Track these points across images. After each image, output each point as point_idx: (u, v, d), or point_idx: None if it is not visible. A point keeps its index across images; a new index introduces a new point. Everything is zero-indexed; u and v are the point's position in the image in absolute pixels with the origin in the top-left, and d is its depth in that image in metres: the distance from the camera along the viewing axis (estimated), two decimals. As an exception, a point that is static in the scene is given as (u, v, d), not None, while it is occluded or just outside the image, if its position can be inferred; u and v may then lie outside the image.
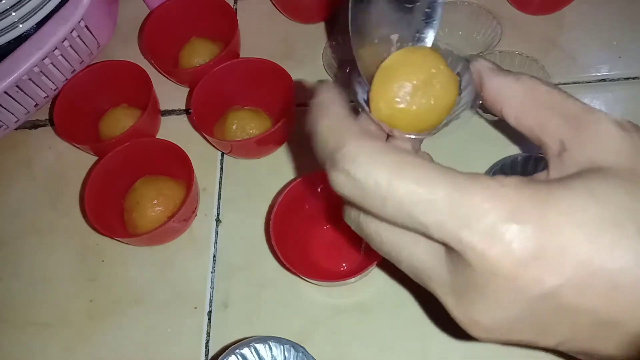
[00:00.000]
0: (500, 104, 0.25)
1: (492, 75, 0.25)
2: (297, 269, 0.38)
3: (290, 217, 0.42)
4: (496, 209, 0.19)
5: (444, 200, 0.20)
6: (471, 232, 0.19)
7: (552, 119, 0.23)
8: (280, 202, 0.40)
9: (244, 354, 0.35)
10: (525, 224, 0.19)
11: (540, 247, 0.19)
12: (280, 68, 0.46)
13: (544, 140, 0.23)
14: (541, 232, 0.19)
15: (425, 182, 0.20)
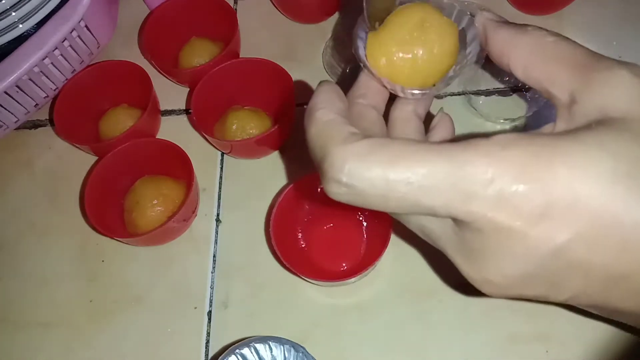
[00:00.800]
0: (506, 56, 0.24)
1: (498, 28, 0.25)
2: (297, 269, 0.38)
3: (290, 217, 0.42)
4: (500, 174, 0.19)
5: (446, 181, 0.19)
6: (479, 202, 0.19)
7: (561, 70, 0.22)
8: (280, 202, 0.40)
9: (244, 354, 0.35)
10: (533, 183, 0.19)
11: (549, 203, 0.19)
12: (280, 68, 0.46)
13: (553, 92, 0.23)
14: (549, 188, 0.19)
15: (421, 168, 0.20)
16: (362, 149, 0.20)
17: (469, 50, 0.27)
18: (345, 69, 0.53)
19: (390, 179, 0.20)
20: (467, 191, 0.19)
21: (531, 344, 0.39)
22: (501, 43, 0.25)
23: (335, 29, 0.54)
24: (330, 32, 0.53)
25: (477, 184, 0.19)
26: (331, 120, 0.22)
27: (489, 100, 0.49)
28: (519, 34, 0.24)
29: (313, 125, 0.23)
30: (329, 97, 0.24)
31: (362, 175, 0.20)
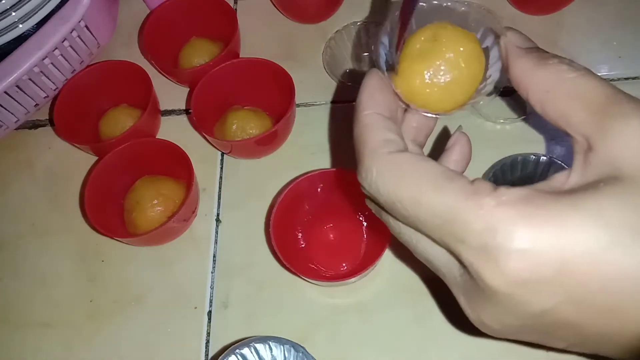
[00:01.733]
0: (525, 89, 0.24)
1: (519, 56, 0.24)
2: (297, 269, 0.38)
3: (290, 217, 0.42)
4: (489, 230, 0.19)
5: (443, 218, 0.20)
6: (467, 250, 0.20)
7: (578, 111, 0.22)
8: (280, 202, 0.40)
9: (244, 354, 0.35)
10: (520, 244, 0.19)
11: (536, 268, 0.19)
12: (280, 68, 0.46)
13: (570, 133, 0.22)
14: (538, 253, 0.18)
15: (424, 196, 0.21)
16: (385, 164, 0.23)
17: (489, 73, 0.26)
18: (345, 69, 0.53)
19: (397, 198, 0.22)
20: (459, 235, 0.20)
21: (531, 344, 0.38)
22: (520, 74, 0.24)
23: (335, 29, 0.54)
24: (330, 32, 0.53)
25: (467, 232, 0.20)
26: (370, 125, 0.24)
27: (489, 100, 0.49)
28: (539, 67, 0.23)
29: (356, 125, 0.25)
30: (373, 93, 0.25)
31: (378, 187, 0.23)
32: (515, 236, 0.19)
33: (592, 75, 0.22)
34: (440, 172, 0.21)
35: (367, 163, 0.23)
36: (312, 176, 0.41)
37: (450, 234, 0.20)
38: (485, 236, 0.19)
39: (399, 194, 0.22)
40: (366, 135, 0.24)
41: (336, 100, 0.51)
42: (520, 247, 0.19)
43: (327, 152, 0.48)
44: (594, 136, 0.21)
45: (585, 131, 0.21)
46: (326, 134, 0.49)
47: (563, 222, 0.19)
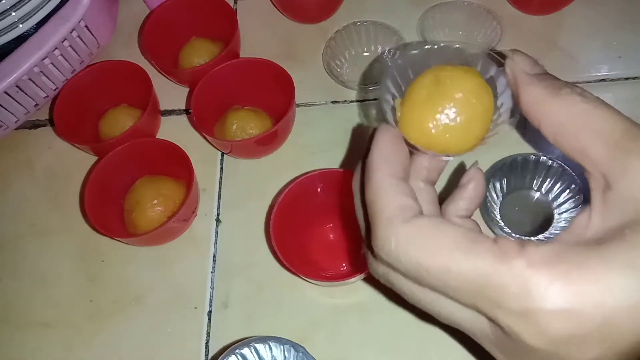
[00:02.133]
0: (537, 120, 0.23)
1: (529, 86, 0.23)
2: (297, 269, 0.38)
3: (290, 217, 0.42)
4: (526, 292, 0.19)
5: (474, 282, 0.20)
6: (504, 313, 0.19)
7: (594, 144, 0.21)
8: (280, 202, 0.40)
9: (244, 354, 0.35)
10: (559, 304, 0.18)
11: (575, 329, 0.18)
12: (280, 68, 0.46)
13: (586, 168, 0.21)
14: (577, 312, 0.18)
15: (453, 263, 0.20)
16: (400, 235, 0.21)
17: (500, 102, 0.26)
18: (345, 69, 0.53)
19: (423, 271, 0.21)
20: (494, 299, 0.19)
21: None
22: (532, 104, 0.23)
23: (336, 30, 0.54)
24: (330, 32, 0.53)
25: (502, 296, 0.19)
26: (384, 189, 0.23)
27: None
28: (552, 98, 0.22)
29: (368, 189, 0.24)
30: (386, 154, 0.24)
31: (400, 259, 0.21)
32: (552, 297, 0.18)
33: (606, 106, 0.21)
34: (462, 236, 0.21)
35: (384, 233, 0.22)
36: (312, 176, 0.41)
37: (484, 299, 0.20)
38: (522, 299, 0.19)
39: (424, 263, 0.21)
40: (380, 202, 0.23)
41: (336, 100, 0.51)
42: (558, 308, 0.18)
43: (327, 152, 0.48)
44: (611, 174, 0.20)
45: (602, 168, 0.21)
46: (326, 134, 0.49)
47: (597, 278, 0.18)
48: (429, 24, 0.53)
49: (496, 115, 0.26)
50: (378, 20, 0.52)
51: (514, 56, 0.24)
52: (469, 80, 0.25)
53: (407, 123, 0.25)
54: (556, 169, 0.42)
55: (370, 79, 0.51)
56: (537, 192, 0.44)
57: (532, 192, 0.44)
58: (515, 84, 0.24)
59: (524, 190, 0.44)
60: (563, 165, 0.42)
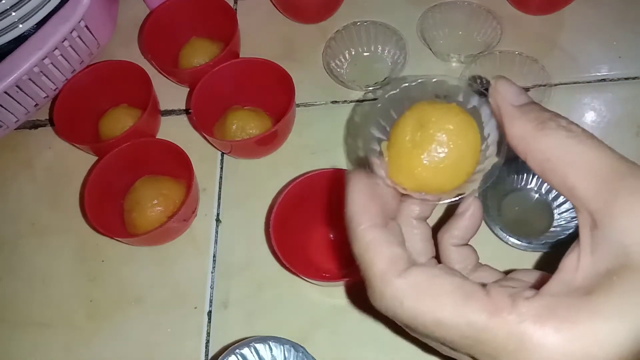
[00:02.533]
0: (524, 154, 0.22)
1: (514, 119, 0.23)
2: (297, 269, 0.38)
3: (290, 217, 0.42)
4: (520, 348, 0.19)
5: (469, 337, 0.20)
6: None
7: (581, 183, 0.20)
8: (280, 202, 0.40)
9: (244, 354, 0.35)
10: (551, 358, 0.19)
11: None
12: (280, 68, 0.46)
13: (574, 203, 0.21)
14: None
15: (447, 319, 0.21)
16: (395, 289, 0.22)
17: (487, 131, 0.25)
18: (345, 69, 0.53)
19: (419, 323, 0.21)
20: (490, 353, 0.20)
21: None
22: (518, 139, 0.22)
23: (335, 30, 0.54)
24: (330, 32, 0.53)
25: (498, 351, 0.20)
26: (371, 242, 0.23)
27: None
28: (537, 132, 0.22)
29: (355, 244, 0.24)
30: (364, 203, 0.24)
31: (396, 313, 0.22)
32: (546, 352, 0.19)
33: (592, 141, 0.21)
34: (457, 288, 0.21)
35: (379, 288, 0.22)
36: (312, 176, 0.41)
37: (480, 353, 0.21)
38: (518, 354, 0.19)
39: (419, 319, 0.21)
40: (370, 256, 0.23)
41: (336, 100, 0.51)
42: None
43: (327, 152, 0.48)
44: (599, 213, 0.20)
45: (590, 206, 0.20)
46: (326, 134, 0.49)
47: (587, 331, 0.19)
48: (429, 24, 0.53)
49: (484, 145, 0.25)
50: (378, 20, 0.52)
51: (497, 86, 0.24)
52: (452, 118, 0.24)
53: (396, 169, 0.25)
54: None
55: (370, 79, 0.51)
56: (537, 192, 0.44)
57: (532, 192, 0.44)
58: (500, 116, 0.23)
59: (524, 190, 0.44)
60: None
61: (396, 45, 0.52)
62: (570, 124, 0.22)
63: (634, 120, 0.47)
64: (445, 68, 0.51)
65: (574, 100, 0.48)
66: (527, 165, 0.23)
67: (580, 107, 0.48)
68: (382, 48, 0.53)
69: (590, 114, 0.47)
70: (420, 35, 0.53)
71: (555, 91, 0.48)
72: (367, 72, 0.52)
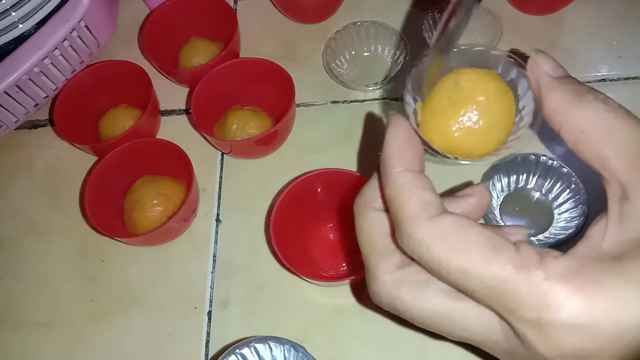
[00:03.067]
0: (558, 124, 0.23)
1: (552, 89, 0.23)
2: (297, 269, 0.38)
3: (290, 217, 0.42)
4: (542, 304, 0.19)
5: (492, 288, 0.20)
6: (520, 321, 0.20)
7: (614, 155, 0.21)
8: (280, 202, 0.40)
9: (244, 354, 0.35)
10: (575, 319, 0.19)
11: (591, 340, 0.19)
12: (280, 68, 0.46)
13: (605, 176, 0.22)
14: (592, 327, 0.19)
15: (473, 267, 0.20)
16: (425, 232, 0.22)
17: (522, 104, 0.26)
18: (345, 69, 0.53)
19: (444, 268, 0.21)
20: (511, 307, 0.20)
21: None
22: (555, 109, 0.23)
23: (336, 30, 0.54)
24: (330, 32, 0.53)
25: (520, 305, 0.20)
26: (405, 185, 0.23)
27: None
28: (574, 104, 0.22)
29: (388, 187, 0.24)
30: (401, 147, 0.24)
31: (422, 256, 0.22)
32: (568, 311, 0.19)
33: (629, 116, 0.22)
34: (486, 240, 0.21)
35: (408, 230, 0.22)
36: (312, 176, 0.41)
37: (502, 305, 0.20)
38: (539, 310, 0.19)
39: (445, 263, 0.21)
40: (402, 198, 0.23)
41: (336, 100, 0.51)
42: (573, 322, 0.19)
43: (327, 152, 0.48)
44: (630, 185, 0.21)
45: (622, 179, 0.21)
46: (326, 134, 0.49)
47: (614, 294, 0.19)
48: (429, 24, 0.53)
49: (518, 117, 0.26)
50: (378, 20, 0.52)
51: (537, 58, 0.24)
52: (489, 83, 0.25)
53: (429, 127, 0.25)
54: (556, 168, 0.42)
55: (370, 79, 0.51)
56: (537, 192, 0.44)
57: (532, 192, 0.44)
58: (537, 87, 0.24)
59: (524, 190, 0.44)
60: (563, 165, 0.42)
61: (396, 45, 0.52)
62: (608, 99, 0.22)
63: (634, 120, 0.47)
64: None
65: (574, 100, 0.48)
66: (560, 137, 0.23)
67: (580, 107, 0.48)
68: (382, 48, 0.53)
69: (590, 114, 0.47)
70: (420, 36, 0.53)
71: (555, 91, 0.48)
72: (367, 72, 0.52)
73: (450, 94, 0.25)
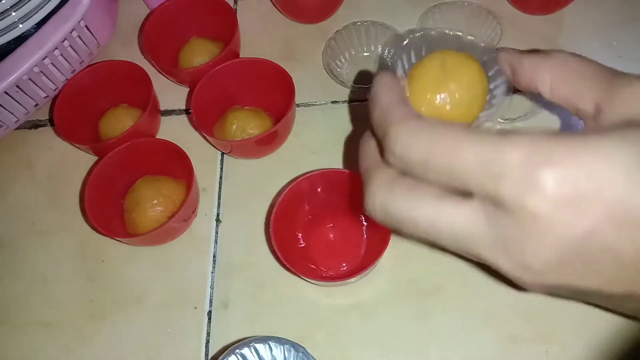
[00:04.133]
0: (535, 81, 0.27)
1: (522, 57, 0.28)
2: (297, 269, 0.38)
3: (290, 217, 0.42)
4: (529, 158, 0.20)
5: (479, 162, 0.22)
6: (507, 183, 0.21)
7: (586, 85, 0.25)
8: (280, 202, 0.40)
9: (244, 354, 0.35)
10: (559, 168, 0.20)
11: (576, 189, 0.20)
12: (280, 68, 0.46)
13: (579, 106, 0.26)
14: (576, 174, 0.20)
15: (460, 144, 0.22)
16: (413, 126, 0.24)
17: (494, 85, 0.30)
18: (345, 69, 0.53)
19: (431, 156, 0.23)
20: (499, 172, 0.21)
21: (531, 344, 0.39)
22: (528, 70, 0.28)
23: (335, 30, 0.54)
24: (330, 32, 0.53)
25: (507, 166, 0.21)
26: (391, 103, 0.26)
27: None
28: (544, 59, 0.27)
29: (376, 109, 0.26)
30: (387, 84, 0.27)
31: (410, 155, 0.24)
32: (555, 162, 0.20)
33: (592, 60, 0.26)
34: (465, 127, 0.23)
35: (396, 132, 0.24)
36: (312, 176, 0.41)
37: (490, 174, 0.21)
38: (527, 165, 0.20)
39: (433, 149, 0.23)
40: (390, 112, 0.25)
41: (336, 100, 0.51)
42: (561, 170, 0.20)
43: (327, 152, 0.48)
44: (604, 101, 0.24)
45: (595, 99, 0.25)
46: (326, 134, 0.49)
47: (594, 147, 0.20)
48: (429, 24, 0.53)
49: (489, 96, 0.30)
50: (378, 20, 0.52)
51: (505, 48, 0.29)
52: (472, 64, 0.28)
53: (418, 100, 0.28)
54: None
55: (370, 79, 0.51)
56: None
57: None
58: (509, 63, 0.28)
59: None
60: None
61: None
62: (572, 52, 0.27)
63: (634, 120, 0.47)
64: (445, 68, 0.51)
65: (574, 100, 0.48)
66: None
67: (580, 107, 0.48)
68: (382, 48, 0.53)
69: (590, 114, 0.47)
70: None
71: (555, 91, 0.48)
72: (367, 72, 0.52)
73: (437, 72, 0.28)
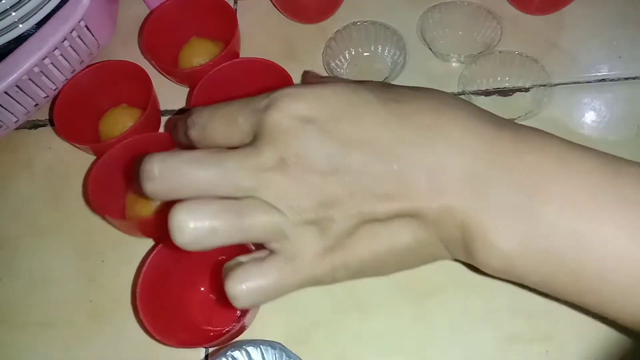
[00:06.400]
0: None
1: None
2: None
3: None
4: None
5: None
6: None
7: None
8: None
9: (234, 357, 0.35)
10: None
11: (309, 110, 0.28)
12: (280, 68, 0.46)
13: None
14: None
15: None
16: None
17: None
18: (345, 69, 0.53)
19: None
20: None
21: (531, 344, 0.39)
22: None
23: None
24: (330, 32, 0.53)
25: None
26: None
27: (488, 100, 0.49)
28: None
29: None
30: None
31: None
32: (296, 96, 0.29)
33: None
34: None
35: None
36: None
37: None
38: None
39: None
40: None
41: (336, 100, 0.51)
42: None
43: (327, 152, 0.48)
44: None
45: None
46: (326, 134, 0.49)
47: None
48: (429, 24, 0.53)
49: None
50: (378, 20, 0.52)
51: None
52: None
53: None
54: None
55: (370, 79, 0.51)
56: None
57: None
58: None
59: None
60: None
61: (396, 45, 0.52)
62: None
63: (634, 120, 0.47)
64: (445, 68, 0.51)
65: (574, 100, 0.48)
66: None
67: (580, 107, 0.48)
68: (382, 48, 0.53)
69: (590, 114, 0.47)
70: (420, 35, 0.53)
71: (555, 91, 0.48)
72: (367, 72, 0.52)
73: None
